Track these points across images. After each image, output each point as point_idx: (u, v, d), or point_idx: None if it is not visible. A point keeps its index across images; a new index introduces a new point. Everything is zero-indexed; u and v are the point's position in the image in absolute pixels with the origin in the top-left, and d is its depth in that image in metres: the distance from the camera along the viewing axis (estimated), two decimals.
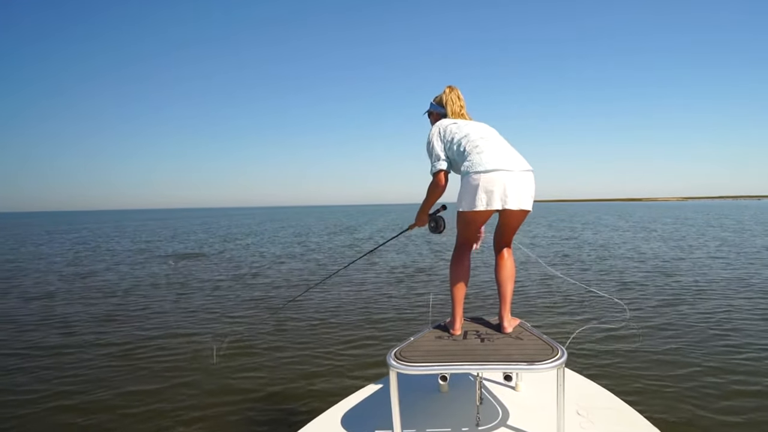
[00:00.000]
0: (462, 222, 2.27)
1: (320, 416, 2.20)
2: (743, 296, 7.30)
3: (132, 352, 5.25)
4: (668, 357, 4.65)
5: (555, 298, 7.45)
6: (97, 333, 6.06)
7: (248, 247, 18.24)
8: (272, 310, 7.19)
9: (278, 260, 13.49)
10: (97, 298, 8.44)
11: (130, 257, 15.12)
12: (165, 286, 9.53)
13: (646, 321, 5.98)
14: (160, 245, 19.83)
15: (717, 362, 4.46)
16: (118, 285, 9.75)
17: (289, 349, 5.22)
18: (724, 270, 9.84)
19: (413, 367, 1.80)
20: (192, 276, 10.76)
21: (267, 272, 11.17)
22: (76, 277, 10.91)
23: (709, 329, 5.54)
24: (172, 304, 7.72)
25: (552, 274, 8.68)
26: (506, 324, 2.21)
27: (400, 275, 10.13)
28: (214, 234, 27.02)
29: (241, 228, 33.43)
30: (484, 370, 1.99)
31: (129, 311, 7.28)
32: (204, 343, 5.53)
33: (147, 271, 11.84)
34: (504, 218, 2.26)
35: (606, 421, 2.06)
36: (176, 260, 13.66)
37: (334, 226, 33.84)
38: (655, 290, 7.93)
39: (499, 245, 2.35)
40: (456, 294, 2.28)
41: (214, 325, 6.37)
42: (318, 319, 6.49)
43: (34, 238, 26.77)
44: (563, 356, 1.80)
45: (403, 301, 7.63)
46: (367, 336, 5.68)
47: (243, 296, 8.34)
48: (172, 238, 24.57)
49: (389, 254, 14.04)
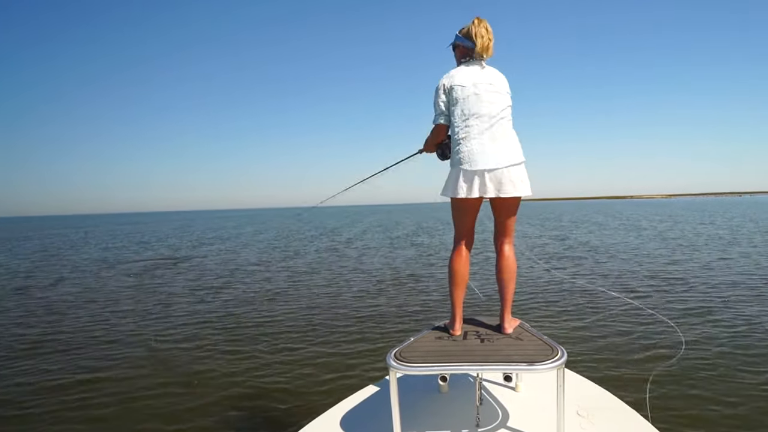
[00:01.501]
0: (453, 209, 2.29)
1: (320, 417, 2.20)
2: (741, 292, 7.30)
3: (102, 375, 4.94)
4: (669, 357, 4.65)
5: (556, 298, 7.45)
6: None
7: (220, 252, 17.00)
8: (270, 310, 7.19)
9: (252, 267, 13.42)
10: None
11: (87, 267, 13.75)
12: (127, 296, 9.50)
13: (650, 323, 5.98)
14: (120, 253, 17.88)
15: (718, 361, 4.47)
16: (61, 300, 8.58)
17: (289, 350, 5.22)
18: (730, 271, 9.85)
19: (413, 367, 1.80)
20: (164, 284, 10.74)
21: (242, 279, 11.16)
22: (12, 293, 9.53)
23: (713, 330, 5.54)
24: (142, 315, 7.70)
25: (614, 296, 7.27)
26: (506, 324, 2.20)
27: (399, 275, 10.13)
28: (186, 239, 25.35)
29: (219, 232, 32.08)
30: (484, 371, 1.99)
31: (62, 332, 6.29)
32: (189, 350, 5.53)
33: (102, 282, 10.65)
34: (492, 205, 2.27)
35: (606, 422, 2.06)
36: (136, 274, 11.95)
37: (315, 228, 32.28)
38: (674, 290, 7.93)
39: (496, 239, 2.31)
40: (455, 294, 2.27)
41: (193, 331, 6.37)
42: (318, 320, 6.49)
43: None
44: (563, 357, 1.80)
45: (402, 301, 7.63)
46: (367, 337, 5.68)
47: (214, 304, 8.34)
48: (141, 243, 23.06)
49: (389, 254, 14.06)
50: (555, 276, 9.51)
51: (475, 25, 2.29)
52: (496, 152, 2.15)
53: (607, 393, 2.36)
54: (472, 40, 2.28)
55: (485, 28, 2.28)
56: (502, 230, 2.29)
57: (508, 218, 2.27)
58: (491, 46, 2.30)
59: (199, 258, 15.11)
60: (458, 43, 2.36)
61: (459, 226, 2.31)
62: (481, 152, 2.15)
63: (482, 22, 2.29)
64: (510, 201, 2.21)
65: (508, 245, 2.28)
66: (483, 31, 2.27)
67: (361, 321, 6.42)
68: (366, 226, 34.54)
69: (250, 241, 22.43)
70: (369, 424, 2.08)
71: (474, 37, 2.27)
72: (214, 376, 4.51)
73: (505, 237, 2.29)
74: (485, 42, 2.27)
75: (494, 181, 2.14)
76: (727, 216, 31.49)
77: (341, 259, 13.53)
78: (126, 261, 14.99)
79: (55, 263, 14.89)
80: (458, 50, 2.38)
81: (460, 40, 2.33)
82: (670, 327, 5.65)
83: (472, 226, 2.33)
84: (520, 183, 2.16)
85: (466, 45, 2.31)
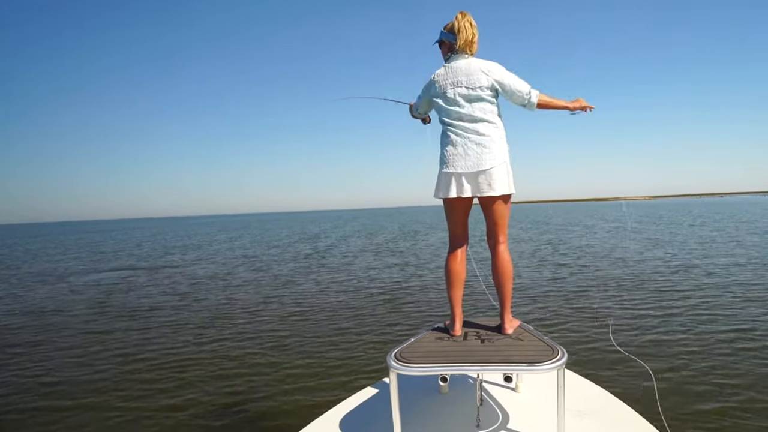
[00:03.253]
0: (444, 209, 2.34)
1: (320, 417, 2.19)
2: (737, 293, 7.30)
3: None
4: (670, 357, 4.65)
5: (557, 298, 7.45)
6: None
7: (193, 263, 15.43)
8: (272, 310, 7.19)
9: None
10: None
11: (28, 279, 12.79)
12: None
13: (645, 322, 5.98)
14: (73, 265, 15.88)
15: (719, 363, 4.47)
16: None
17: (288, 351, 5.22)
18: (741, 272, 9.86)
19: (413, 368, 1.80)
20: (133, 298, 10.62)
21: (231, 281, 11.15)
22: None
23: (712, 330, 5.54)
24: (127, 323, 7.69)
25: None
26: (506, 325, 2.20)
27: (399, 275, 10.13)
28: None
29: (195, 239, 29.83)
30: (484, 371, 1.99)
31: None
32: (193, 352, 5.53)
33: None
34: (480, 207, 2.31)
35: (606, 423, 2.05)
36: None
37: (297, 234, 31.39)
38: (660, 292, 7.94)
39: (488, 240, 2.31)
40: (453, 293, 2.27)
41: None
42: (317, 321, 6.49)
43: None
44: (563, 357, 1.80)
45: (402, 301, 7.63)
46: (367, 337, 5.68)
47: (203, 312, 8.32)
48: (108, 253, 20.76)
49: (388, 255, 14.05)
50: (556, 276, 9.51)
51: (458, 20, 2.27)
52: (472, 155, 2.17)
53: (608, 394, 2.36)
54: (455, 34, 2.26)
55: (469, 22, 2.27)
56: (490, 230, 2.28)
57: (493, 218, 2.25)
58: (475, 41, 2.28)
59: (187, 265, 15.11)
60: (443, 40, 2.34)
61: (450, 226, 2.34)
62: (456, 155, 2.20)
63: (466, 16, 2.28)
64: (490, 200, 2.21)
65: (501, 245, 2.26)
66: (467, 25, 2.26)
67: (360, 322, 6.41)
68: (350, 230, 33.94)
69: (243, 245, 22.43)
70: (369, 425, 2.08)
71: (457, 32, 2.25)
72: (211, 378, 4.51)
73: (494, 237, 2.27)
74: (468, 35, 2.25)
75: (471, 182, 2.18)
76: (717, 217, 31.44)
77: (337, 260, 13.53)
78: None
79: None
80: (443, 47, 2.36)
81: (445, 35, 2.32)
82: (670, 327, 5.65)
83: (464, 225, 2.33)
84: (497, 183, 2.15)
85: (450, 41, 2.30)
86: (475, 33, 2.27)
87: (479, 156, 2.17)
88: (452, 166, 2.20)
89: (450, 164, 2.20)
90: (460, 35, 2.25)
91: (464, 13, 2.29)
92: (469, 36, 2.25)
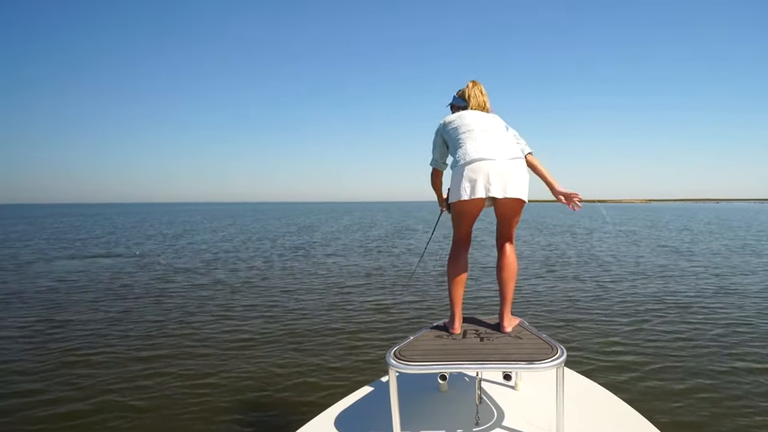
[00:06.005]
0: (453, 214, 2.31)
1: (319, 416, 2.19)
2: (745, 306, 7.31)
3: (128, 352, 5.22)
4: (670, 357, 4.65)
5: (557, 297, 7.45)
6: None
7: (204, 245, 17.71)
8: (271, 309, 7.18)
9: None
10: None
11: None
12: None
13: (648, 323, 5.98)
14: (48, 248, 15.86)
15: (719, 364, 4.47)
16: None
17: (287, 349, 5.21)
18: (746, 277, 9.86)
19: (412, 366, 1.80)
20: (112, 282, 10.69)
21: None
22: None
23: (714, 332, 5.54)
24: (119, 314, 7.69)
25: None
26: (506, 323, 2.21)
27: (398, 277, 10.13)
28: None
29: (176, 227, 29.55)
30: (483, 370, 1.99)
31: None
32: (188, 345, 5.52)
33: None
34: (496, 209, 2.28)
35: (606, 421, 2.05)
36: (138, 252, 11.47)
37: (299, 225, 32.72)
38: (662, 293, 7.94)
39: (498, 240, 2.34)
40: (454, 293, 2.28)
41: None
42: (316, 320, 6.48)
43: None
44: (563, 355, 1.80)
45: (401, 301, 7.63)
46: (367, 335, 5.67)
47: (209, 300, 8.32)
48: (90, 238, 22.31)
49: (386, 256, 14.05)
50: (557, 275, 9.52)
51: (469, 88, 2.48)
52: (496, 147, 2.18)
53: (607, 392, 2.36)
54: (466, 100, 2.46)
55: (480, 90, 2.48)
56: (503, 229, 2.31)
57: (511, 218, 2.28)
58: (488, 107, 2.47)
59: (172, 253, 15.08)
60: (454, 104, 2.53)
61: (457, 229, 2.34)
62: (482, 146, 2.18)
63: (477, 85, 2.49)
64: (517, 202, 2.21)
65: (510, 245, 2.31)
66: (477, 93, 2.46)
67: (359, 319, 6.41)
68: (348, 222, 33.78)
69: (238, 234, 22.43)
70: (368, 423, 2.07)
71: (468, 98, 2.46)
72: (208, 375, 4.50)
73: (508, 238, 2.32)
74: (480, 102, 2.45)
75: (499, 179, 2.12)
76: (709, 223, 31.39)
77: (333, 257, 13.52)
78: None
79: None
80: (454, 110, 2.54)
81: (456, 101, 2.52)
82: (670, 326, 5.65)
83: (470, 229, 2.36)
84: (521, 185, 2.17)
85: (460, 105, 2.48)
86: (486, 100, 2.47)
87: (505, 148, 2.19)
88: (479, 153, 2.14)
89: (471, 156, 2.14)
90: (471, 101, 2.45)
91: (475, 82, 2.50)
92: (480, 102, 2.46)
